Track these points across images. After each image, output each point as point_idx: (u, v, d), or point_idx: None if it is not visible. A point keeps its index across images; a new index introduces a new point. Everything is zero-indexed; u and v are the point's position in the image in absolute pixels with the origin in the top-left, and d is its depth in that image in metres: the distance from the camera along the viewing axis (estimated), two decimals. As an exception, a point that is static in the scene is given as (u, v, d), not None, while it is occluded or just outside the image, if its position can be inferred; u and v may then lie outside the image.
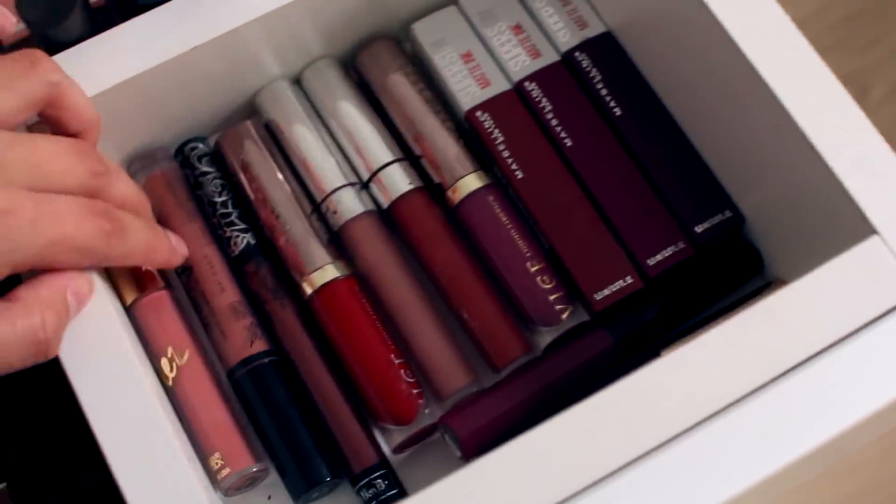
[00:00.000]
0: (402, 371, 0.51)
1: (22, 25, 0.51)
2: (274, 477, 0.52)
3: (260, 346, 0.52)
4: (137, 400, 0.46)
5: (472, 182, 0.54)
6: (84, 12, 0.50)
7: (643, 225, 0.53)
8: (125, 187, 0.48)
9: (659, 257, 0.52)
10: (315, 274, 0.53)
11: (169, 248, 0.50)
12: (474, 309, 0.52)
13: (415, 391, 0.51)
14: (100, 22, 0.57)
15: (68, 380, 0.46)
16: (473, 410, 0.49)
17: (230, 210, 0.54)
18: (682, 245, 0.53)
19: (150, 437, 0.45)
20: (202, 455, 0.50)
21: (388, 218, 0.55)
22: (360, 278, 0.53)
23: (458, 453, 0.49)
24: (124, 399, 0.46)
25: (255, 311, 0.53)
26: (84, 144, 0.47)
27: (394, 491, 0.50)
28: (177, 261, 0.51)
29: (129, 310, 0.51)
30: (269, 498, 0.52)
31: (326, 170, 0.55)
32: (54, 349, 0.45)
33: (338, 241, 0.54)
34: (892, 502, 0.63)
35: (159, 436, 0.45)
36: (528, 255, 0.53)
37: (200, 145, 0.56)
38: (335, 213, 0.54)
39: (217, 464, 0.50)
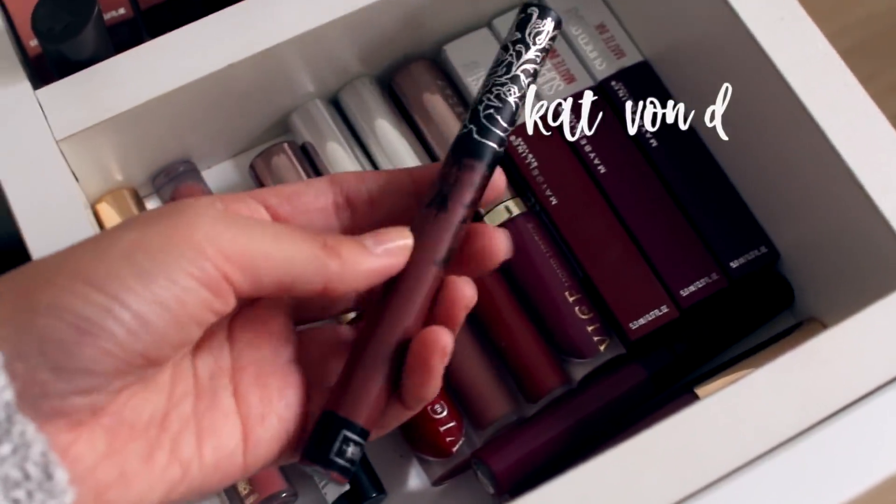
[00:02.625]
0: (441, 402, 0.50)
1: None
2: (303, 500, 0.51)
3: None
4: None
5: (509, 209, 0.53)
6: (97, 29, 0.49)
7: (677, 255, 0.52)
8: None
9: (692, 288, 0.52)
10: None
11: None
12: (512, 339, 0.51)
13: (453, 423, 0.50)
14: (125, 35, 0.56)
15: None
16: (507, 445, 0.48)
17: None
18: (715, 276, 0.52)
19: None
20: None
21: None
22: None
23: (491, 490, 0.48)
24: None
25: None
26: None
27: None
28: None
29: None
30: None
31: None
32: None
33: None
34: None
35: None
36: (567, 284, 0.52)
37: None
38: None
39: (244, 489, 0.49)
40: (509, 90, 0.42)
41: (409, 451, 0.51)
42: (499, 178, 0.42)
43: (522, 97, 0.42)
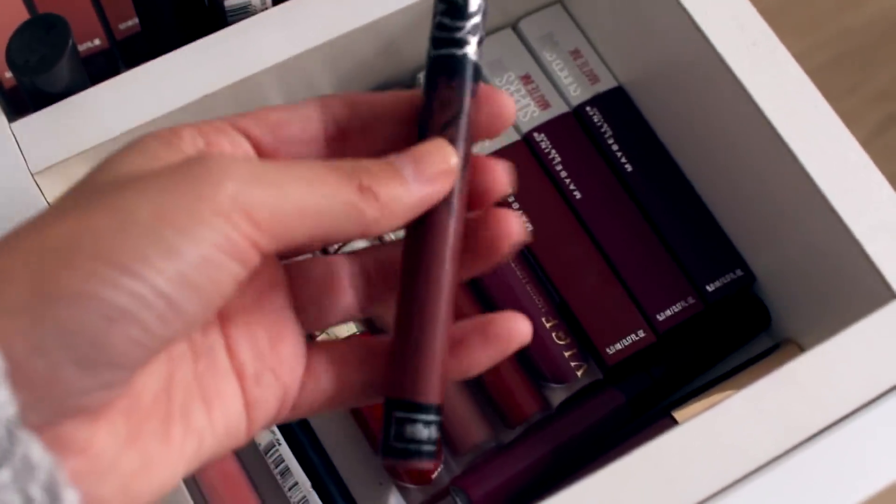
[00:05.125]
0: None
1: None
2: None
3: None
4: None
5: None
6: (72, 61, 0.48)
7: (653, 280, 0.53)
8: None
9: (669, 312, 0.52)
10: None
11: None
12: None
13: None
14: (101, 66, 0.56)
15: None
16: (485, 472, 0.48)
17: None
18: (691, 300, 0.52)
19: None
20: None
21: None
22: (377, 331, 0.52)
23: (471, 516, 0.48)
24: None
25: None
26: None
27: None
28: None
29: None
30: None
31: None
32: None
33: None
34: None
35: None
36: (543, 310, 0.52)
37: None
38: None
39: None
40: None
41: (389, 478, 0.51)
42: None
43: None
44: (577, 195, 0.54)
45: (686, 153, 0.54)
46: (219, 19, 0.52)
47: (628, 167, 0.55)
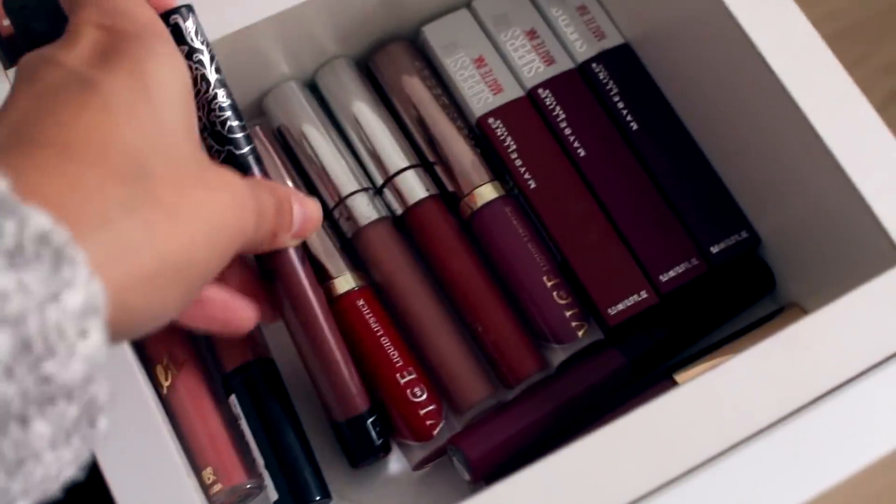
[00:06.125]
0: (421, 385, 0.49)
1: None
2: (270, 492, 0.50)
3: (258, 353, 0.50)
4: (136, 407, 0.44)
5: (488, 192, 0.52)
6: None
7: (656, 240, 0.52)
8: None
9: (672, 273, 0.51)
10: (330, 284, 0.51)
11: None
12: (489, 323, 0.50)
13: (433, 407, 0.49)
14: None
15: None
16: (483, 431, 0.48)
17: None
18: (695, 262, 0.52)
19: (148, 447, 0.43)
20: (195, 468, 0.48)
21: (402, 225, 0.53)
22: (375, 287, 0.52)
23: (467, 476, 0.47)
24: (121, 406, 0.44)
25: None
26: None
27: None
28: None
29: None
30: None
31: (339, 174, 0.53)
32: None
33: (351, 249, 0.53)
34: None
35: (157, 447, 0.43)
36: (544, 269, 0.51)
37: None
38: (348, 219, 0.52)
39: (209, 478, 0.48)
40: (222, 94, 0.44)
41: (390, 435, 0.50)
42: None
43: (226, 87, 0.45)
44: (581, 153, 0.53)
45: (692, 112, 0.53)
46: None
47: (633, 125, 0.54)
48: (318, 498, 0.48)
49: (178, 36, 0.43)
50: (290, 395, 0.50)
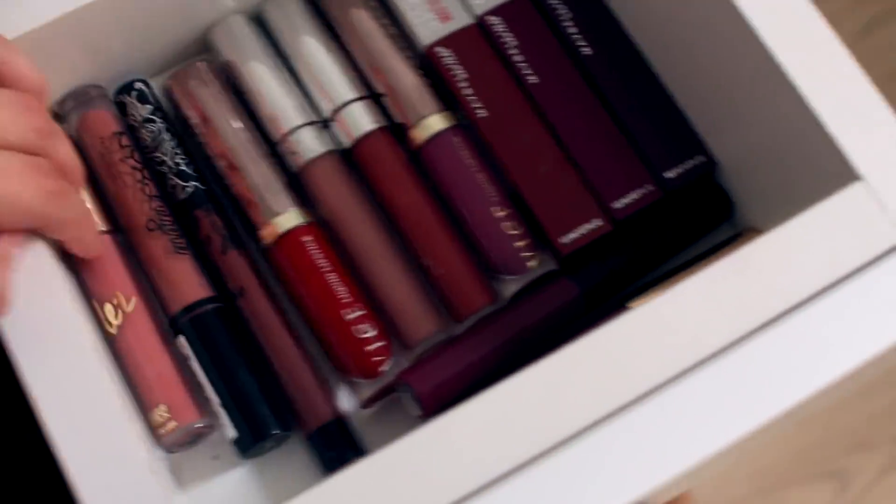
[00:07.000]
0: (368, 322, 0.48)
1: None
2: (219, 435, 0.49)
3: (204, 292, 0.49)
4: (73, 349, 0.43)
5: (435, 123, 0.51)
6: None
7: (610, 167, 0.50)
8: (67, 151, 0.45)
9: (626, 200, 0.50)
10: (275, 221, 0.50)
11: (96, 234, 0.48)
12: (438, 256, 0.49)
13: (381, 343, 0.48)
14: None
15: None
16: (433, 366, 0.46)
17: (174, 155, 0.51)
18: (650, 188, 0.50)
19: (87, 389, 0.42)
20: (145, 408, 0.47)
21: (350, 159, 0.52)
22: (322, 223, 0.50)
23: (418, 412, 0.46)
24: (58, 348, 0.43)
25: (201, 256, 0.50)
26: (31, 99, 0.44)
27: (351, 451, 0.48)
28: (98, 251, 0.48)
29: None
30: (217, 457, 0.49)
31: (285, 108, 0.52)
32: (6, 305, 0.43)
33: (298, 184, 0.51)
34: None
35: (96, 388, 0.43)
36: (494, 200, 0.50)
37: (142, 87, 0.52)
38: (294, 153, 0.51)
39: (161, 417, 0.47)
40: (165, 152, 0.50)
41: (338, 374, 0.49)
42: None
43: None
44: (533, 80, 0.52)
45: (646, 35, 0.52)
46: None
47: (586, 50, 0.52)
48: (275, 431, 0.47)
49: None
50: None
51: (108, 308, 0.48)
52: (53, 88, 0.51)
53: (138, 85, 0.53)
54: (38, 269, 0.44)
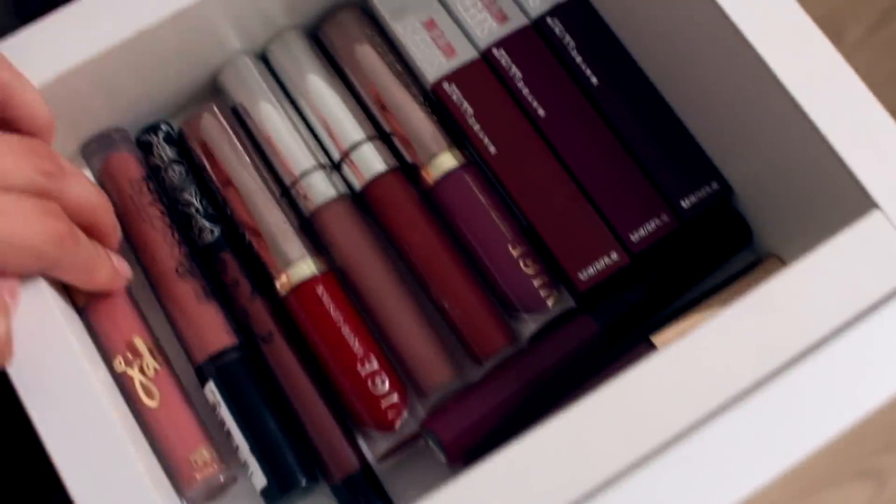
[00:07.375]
0: (384, 373, 0.48)
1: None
2: (243, 485, 0.49)
3: (231, 339, 0.49)
4: (90, 408, 0.43)
5: (447, 161, 0.50)
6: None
7: (624, 198, 0.50)
8: (81, 192, 0.44)
9: (642, 232, 0.50)
10: (289, 271, 0.49)
11: (111, 270, 0.47)
12: (455, 298, 0.49)
13: (396, 398, 0.48)
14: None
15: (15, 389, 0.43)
16: (456, 412, 0.46)
17: (196, 200, 0.51)
18: (665, 218, 0.50)
19: (105, 446, 0.42)
20: (168, 462, 0.47)
21: (362, 202, 0.51)
22: (336, 270, 0.50)
23: (444, 458, 0.46)
24: (76, 409, 0.43)
25: (226, 303, 0.50)
26: (35, 142, 0.43)
27: (378, 501, 0.47)
28: (119, 285, 0.48)
29: (82, 311, 0.48)
30: None
31: (295, 151, 0.51)
32: (8, 354, 0.42)
33: (310, 229, 0.51)
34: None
35: (115, 446, 0.42)
36: (510, 238, 0.49)
37: (168, 129, 0.53)
38: (306, 198, 0.51)
39: (188, 468, 0.46)
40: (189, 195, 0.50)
41: (352, 426, 0.49)
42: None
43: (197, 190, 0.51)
44: (541, 113, 0.51)
45: (654, 62, 0.51)
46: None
47: (594, 80, 0.52)
48: (303, 483, 0.47)
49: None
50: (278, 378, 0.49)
51: (118, 361, 0.48)
52: (71, 134, 0.51)
53: (164, 126, 0.52)
54: (44, 313, 0.44)
